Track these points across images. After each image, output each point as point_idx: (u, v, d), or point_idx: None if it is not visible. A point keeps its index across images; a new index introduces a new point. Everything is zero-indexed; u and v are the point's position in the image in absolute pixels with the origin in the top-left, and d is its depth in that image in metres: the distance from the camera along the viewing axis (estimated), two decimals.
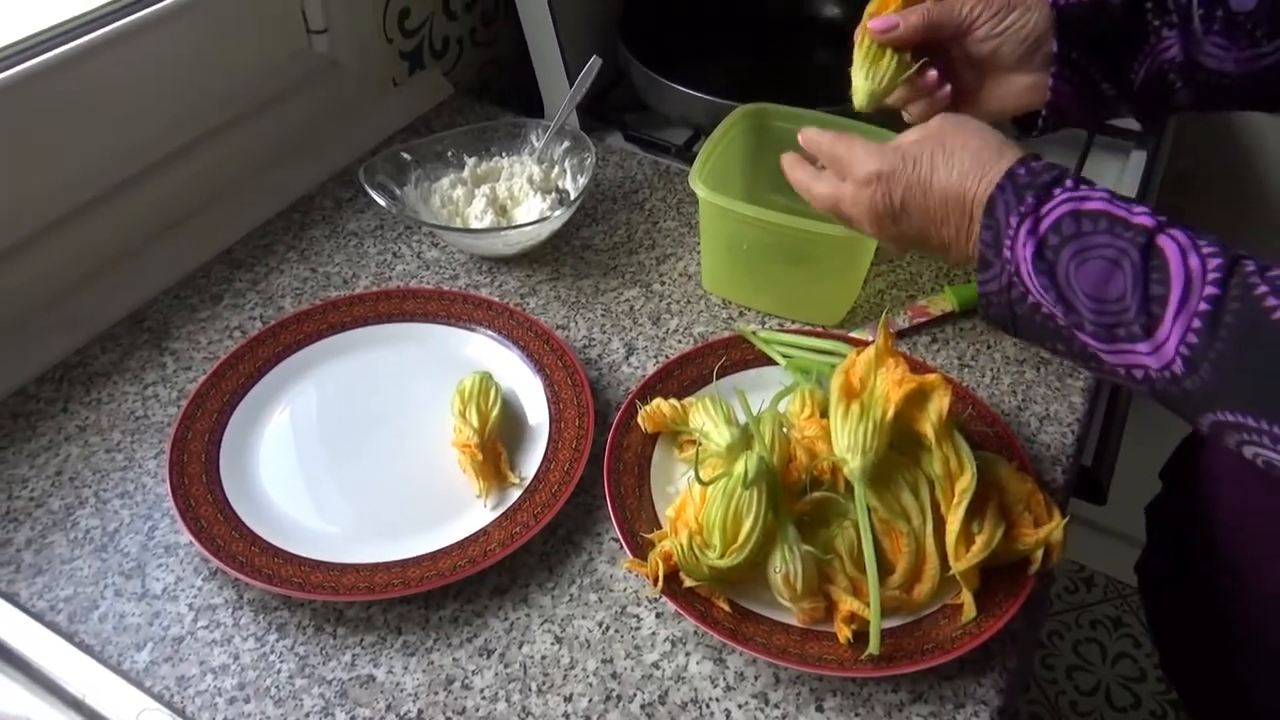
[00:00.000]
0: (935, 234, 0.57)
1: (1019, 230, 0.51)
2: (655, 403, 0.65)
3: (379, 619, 0.58)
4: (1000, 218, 0.52)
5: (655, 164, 0.94)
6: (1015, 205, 0.51)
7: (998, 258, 0.52)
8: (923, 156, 0.56)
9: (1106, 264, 0.48)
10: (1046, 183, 0.51)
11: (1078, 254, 0.49)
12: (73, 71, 0.72)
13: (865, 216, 0.59)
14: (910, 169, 0.56)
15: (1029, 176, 0.52)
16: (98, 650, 0.55)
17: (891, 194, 0.57)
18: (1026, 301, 0.51)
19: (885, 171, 0.57)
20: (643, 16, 1.01)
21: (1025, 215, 0.51)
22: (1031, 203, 0.51)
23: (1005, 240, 0.52)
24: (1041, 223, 0.50)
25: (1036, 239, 0.50)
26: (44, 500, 0.63)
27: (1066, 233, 0.49)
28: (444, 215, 0.81)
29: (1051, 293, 0.50)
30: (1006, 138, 0.56)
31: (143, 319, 0.75)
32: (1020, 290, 0.52)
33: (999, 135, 0.56)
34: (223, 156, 0.84)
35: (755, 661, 0.56)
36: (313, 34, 0.90)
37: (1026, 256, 0.50)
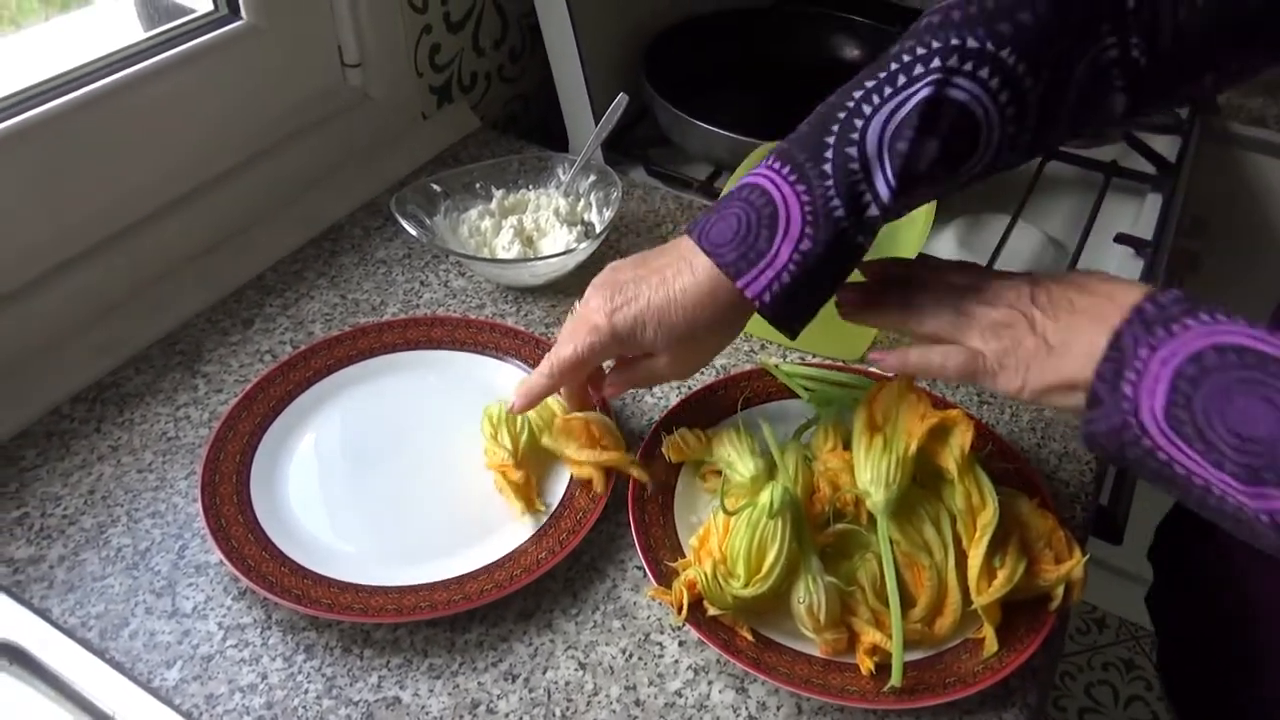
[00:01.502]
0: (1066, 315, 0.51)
1: (1149, 363, 0.46)
2: (680, 432, 0.66)
3: (405, 641, 0.58)
4: (1126, 347, 0.47)
5: (678, 198, 0.96)
6: (1145, 337, 0.47)
7: (1113, 394, 0.47)
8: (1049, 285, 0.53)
9: (1258, 401, 0.44)
10: (1178, 314, 0.47)
11: (1222, 389, 0.44)
12: (115, 103, 0.74)
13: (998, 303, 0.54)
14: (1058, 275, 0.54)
15: (1158, 310, 0.48)
16: (128, 667, 0.56)
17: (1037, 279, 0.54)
18: (1141, 445, 0.47)
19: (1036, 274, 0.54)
20: (667, 54, 1.03)
21: (1156, 346, 0.46)
22: (1164, 336, 0.46)
23: (1128, 374, 0.47)
24: (1176, 357, 0.46)
25: (1171, 372, 0.46)
26: (77, 518, 0.64)
27: (1208, 365, 0.45)
28: (472, 245, 0.82)
29: (1187, 428, 0.45)
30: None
31: (176, 342, 0.77)
32: (1134, 434, 0.47)
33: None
34: (256, 185, 0.86)
35: (778, 691, 0.56)
36: (347, 67, 0.93)
37: (1157, 392, 0.46)
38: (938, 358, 0.55)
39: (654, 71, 0.99)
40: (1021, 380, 0.52)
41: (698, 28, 1.10)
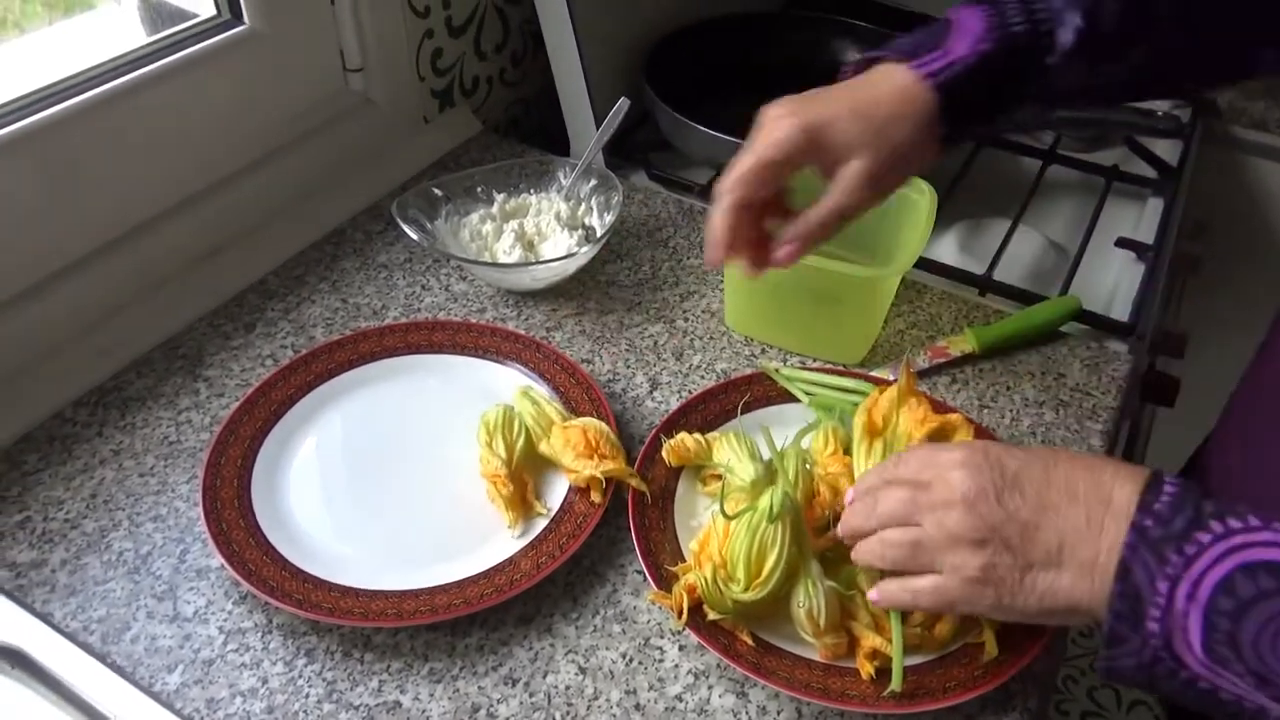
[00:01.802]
0: (1052, 522, 0.46)
1: (1172, 598, 0.42)
2: (680, 437, 0.66)
3: (406, 646, 0.58)
4: (1141, 584, 0.43)
5: (679, 203, 0.96)
6: (1158, 567, 0.43)
7: (1137, 631, 0.43)
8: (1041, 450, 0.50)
9: None
10: (1183, 529, 0.43)
11: (1269, 622, 0.40)
12: (117, 107, 0.74)
13: (954, 499, 0.48)
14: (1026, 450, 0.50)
15: (1159, 528, 0.44)
16: (129, 671, 0.56)
17: (1003, 462, 0.48)
18: (1178, 677, 0.43)
19: (994, 450, 0.49)
20: (669, 59, 1.03)
21: (1176, 579, 0.42)
22: (1178, 561, 0.42)
23: (1152, 611, 0.43)
24: (1201, 586, 0.42)
25: (1202, 609, 0.42)
26: (79, 522, 0.64)
27: (1244, 595, 0.41)
28: (473, 249, 0.83)
29: (1236, 665, 0.41)
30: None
31: (178, 346, 0.77)
32: (1169, 667, 0.43)
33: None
34: (258, 189, 0.86)
35: (778, 696, 0.56)
36: (349, 72, 0.93)
37: (1190, 629, 0.42)
38: (906, 596, 0.52)
39: (655, 75, 0.99)
40: (1005, 607, 0.48)
41: (699, 32, 1.10)
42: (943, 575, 0.50)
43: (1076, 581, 0.46)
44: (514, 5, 1.06)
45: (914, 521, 0.51)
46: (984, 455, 0.49)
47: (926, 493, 0.50)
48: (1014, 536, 0.47)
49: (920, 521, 0.50)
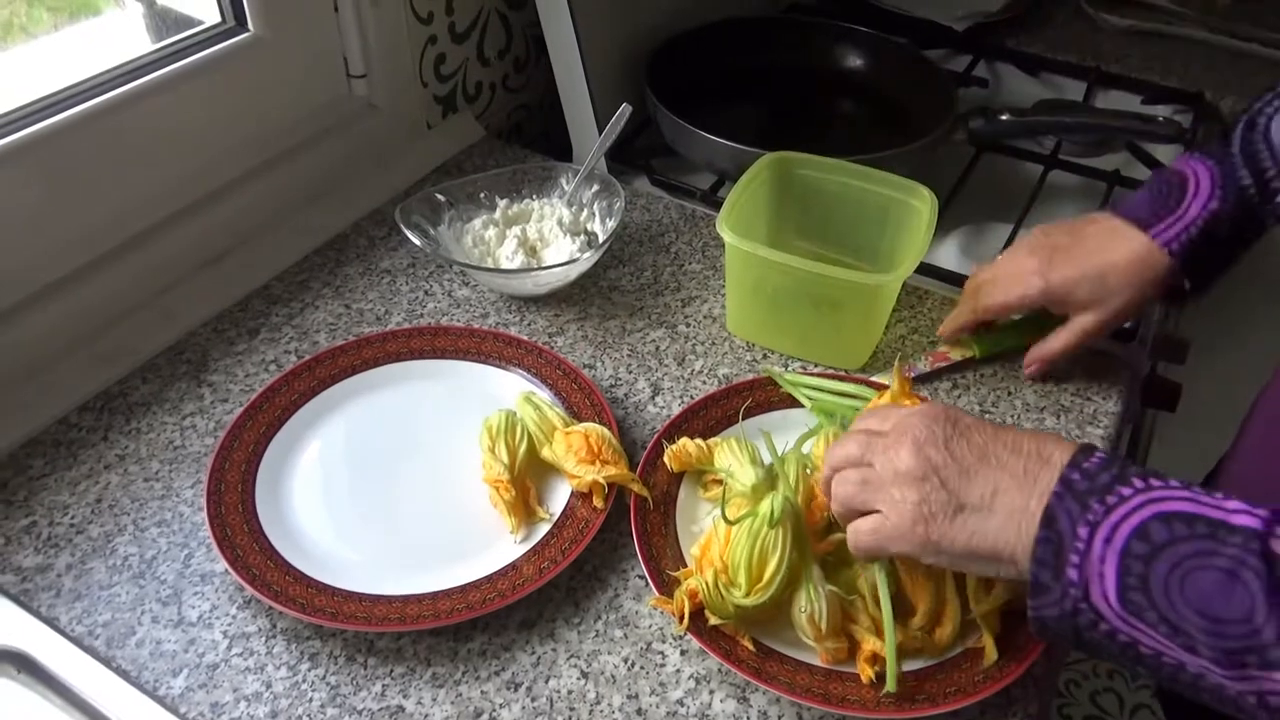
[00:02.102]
0: (990, 473, 0.48)
1: (1091, 543, 0.44)
2: (681, 442, 0.66)
3: (409, 650, 0.59)
4: (1063, 530, 0.45)
5: (681, 208, 0.96)
6: (1080, 514, 0.44)
7: (1057, 580, 0.45)
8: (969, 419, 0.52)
9: (1219, 575, 0.41)
10: (1107, 482, 0.45)
11: (1176, 566, 0.42)
12: (122, 114, 0.75)
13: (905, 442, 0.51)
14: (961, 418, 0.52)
15: (1085, 481, 0.45)
16: (134, 676, 0.57)
17: (957, 419, 0.51)
18: (1098, 629, 0.44)
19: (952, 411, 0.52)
20: (671, 64, 1.04)
21: (1096, 524, 0.44)
22: (1099, 509, 0.44)
23: (1070, 556, 0.44)
24: (1119, 531, 0.43)
25: (1118, 553, 0.43)
26: (84, 527, 0.65)
27: (1156, 540, 0.42)
28: (476, 255, 0.83)
29: (1149, 614, 0.42)
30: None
31: (182, 351, 0.78)
32: (1089, 618, 0.44)
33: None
34: (262, 195, 0.87)
35: (779, 700, 0.57)
36: (353, 78, 0.93)
37: (1106, 575, 0.43)
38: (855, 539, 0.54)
39: (657, 81, 1.00)
40: (932, 545, 0.50)
41: (701, 37, 1.10)
42: (881, 512, 0.52)
43: (1004, 525, 0.48)
44: (517, 11, 1.07)
45: (867, 462, 0.53)
46: (942, 409, 0.53)
47: (882, 437, 0.53)
48: (952, 478, 0.49)
49: (872, 462, 0.53)
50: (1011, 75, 1.24)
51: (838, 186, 0.83)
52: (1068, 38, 1.29)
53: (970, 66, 1.21)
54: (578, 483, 0.65)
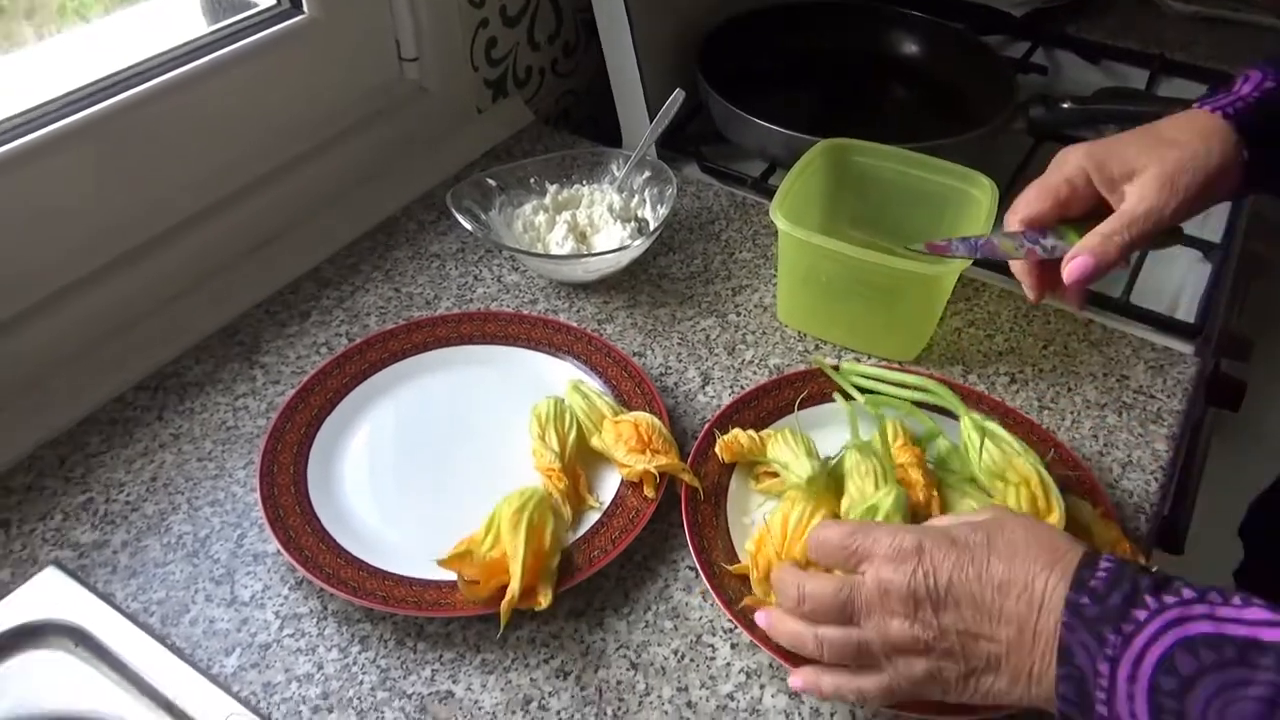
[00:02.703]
0: (989, 633, 0.46)
1: (1115, 680, 0.41)
2: (733, 433, 0.65)
3: (458, 636, 0.58)
4: (1083, 666, 0.42)
5: (731, 195, 0.95)
6: (1097, 648, 0.42)
7: (1086, 715, 0.43)
8: (974, 536, 0.47)
9: (1260, 706, 0.39)
10: (1119, 605, 0.42)
11: (1211, 701, 0.39)
12: (178, 97, 0.75)
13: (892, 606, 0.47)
14: (957, 546, 0.47)
15: (1095, 605, 0.43)
16: (188, 653, 0.57)
17: (936, 570, 0.47)
18: None
19: (927, 544, 0.47)
20: (723, 49, 1.02)
21: (1115, 660, 0.41)
22: (1116, 641, 0.42)
23: (1097, 694, 0.42)
24: (1141, 667, 0.41)
25: (1145, 692, 0.41)
26: (139, 505, 0.65)
27: (1185, 673, 0.40)
28: (526, 240, 0.83)
29: None
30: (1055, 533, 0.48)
31: (235, 332, 0.78)
32: None
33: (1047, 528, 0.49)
34: (314, 178, 0.87)
35: None
36: (404, 62, 0.93)
37: (1137, 713, 0.41)
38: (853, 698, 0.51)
39: (709, 66, 0.98)
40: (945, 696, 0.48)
41: (754, 22, 1.09)
42: (889, 675, 0.49)
43: (1012, 686, 0.46)
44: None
45: (851, 619, 0.49)
46: (913, 561, 0.47)
47: (860, 591, 0.49)
48: (955, 646, 0.47)
49: (859, 623, 0.49)
50: (1071, 63, 1.20)
51: (894, 174, 0.81)
52: (1130, 24, 1.25)
53: (1028, 53, 1.18)
54: (628, 472, 0.64)
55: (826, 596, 0.50)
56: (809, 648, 0.51)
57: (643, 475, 0.63)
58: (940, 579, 0.46)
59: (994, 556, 0.46)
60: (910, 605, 0.47)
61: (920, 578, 0.47)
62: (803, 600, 0.50)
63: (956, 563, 0.47)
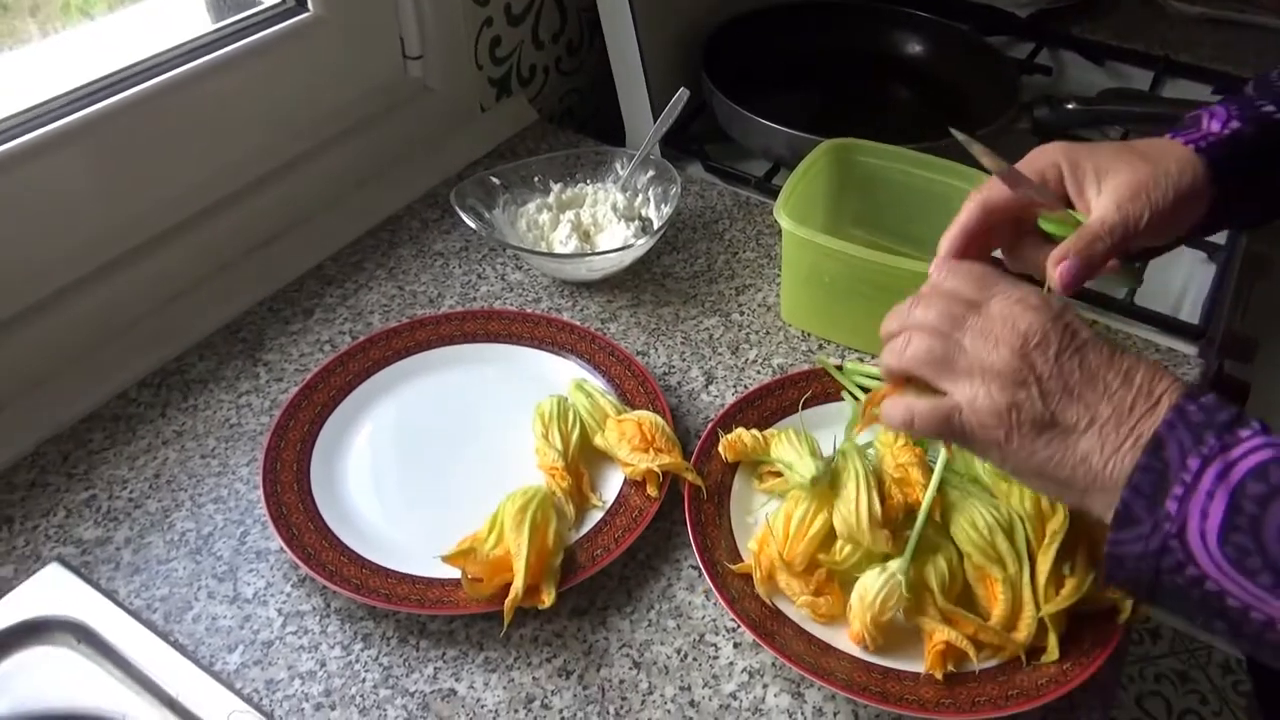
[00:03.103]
0: (1090, 401, 0.44)
1: (1201, 475, 0.40)
2: (737, 432, 0.65)
3: (461, 634, 0.58)
4: (1170, 459, 0.41)
5: (735, 195, 0.95)
6: (1193, 445, 0.41)
7: (1151, 511, 0.41)
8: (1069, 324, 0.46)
9: None
10: (1226, 421, 0.41)
11: None
12: (182, 95, 0.75)
13: (1007, 335, 0.45)
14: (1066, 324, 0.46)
15: (1203, 414, 0.42)
16: (191, 650, 0.57)
17: (1076, 330, 0.45)
18: (1184, 573, 0.41)
19: (1072, 313, 0.46)
20: (727, 49, 1.02)
21: (1208, 458, 0.40)
22: (1215, 444, 0.41)
23: (1174, 487, 0.41)
24: (1235, 469, 0.40)
25: (1229, 490, 0.40)
26: (142, 501, 0.65)
27: (1275, 480, 0.39)
28: (529, 239, 0.82)
29: (1252, 559, 0.39)
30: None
31: (238, 329, 0.78)
32: (1177, 560, 0.41)
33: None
34: (317, 176, 0.87)
35: (834, 697, 0.56)
36: (409, 60, 0.93)
37: (1211, 512, 0.40)
38: (899, 412, 0.48)
39: (713, 65, 0.98)
40: (1004, 453, 0.45)
41: (758, 21, 1.08)
42: (953, 399, 0.46)
43: (1088, 456, 0.43)
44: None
45: (953, 334, 0.47)
46: (1060, 309, 0.46)
47: (979, 313, 0.47)
48: (1052, 393, 0.44)
49: (961, 339, 0.47)
50: (1075, 63, 1.20)
51: (899, 174, 0.81)
52: (1134, 25, 1.25)
53: (1033, 54, 1.18)
54: (631, 471, 0.64)
55: (939, 310, 0.48)
56: (895, 349, 0.49)
57: (646, 474, 0.63)
58: (1079, 335, 0.45)
59: (1124, 357, 0.45)
60: (1034, 340, 0.45)
61: (1057, 323, 0.45)
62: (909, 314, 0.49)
63: (1093, 337, 0.46)
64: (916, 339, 0.48)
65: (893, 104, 1.09)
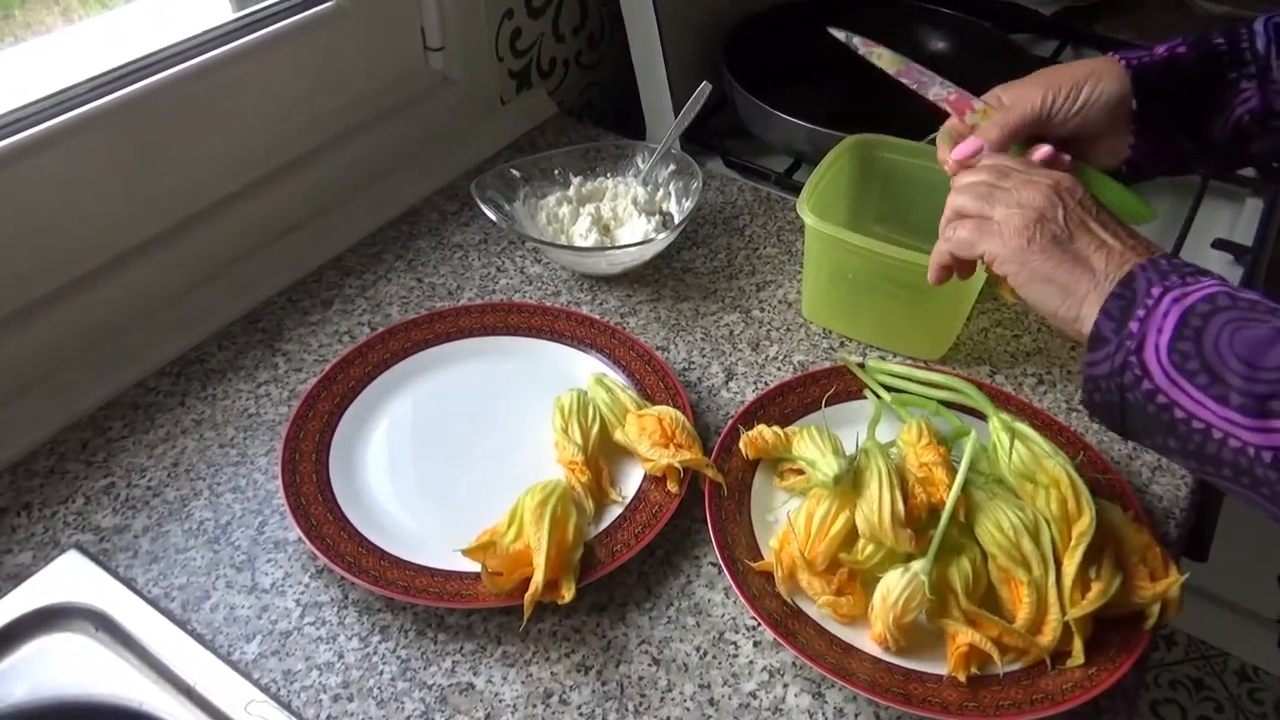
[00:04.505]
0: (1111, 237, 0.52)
1: (1160, 300, 0.47)
2: (758, 429, 0.64)
3: (479, 628, 0.58)
4: (1138, 289, 0.48)
5: (755, 190, 0.94)
6: (1158, 280, 0.48)
7: (1117, 333, 0.47)
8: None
9: (1271, 332, 0.43)
10: (1193, 271, 0.48)
11: (1232, 322, 0.44)
12: (204, 83, 0.75)
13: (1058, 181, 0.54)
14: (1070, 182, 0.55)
15: (1172, 265, 0.49)
16: (209, 639, 0.57)
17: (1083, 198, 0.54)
18: (1140, 388, 0.46)
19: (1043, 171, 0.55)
20: (748, 43, 1.02)
21: (1170, 288, 0.47)
22: (1177, 280, 0.47)
23: (1138, 310, 0.47)
24: (1189, 295, 0.46)
25: (1182, 309, 0.46)
26: (161, 490, 0.65)
27: (1220, 304, 0.45)
28: (549, 232, 0.82)
29: (1192, 362, 0.45)
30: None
31: (258, 319, 0.78)
32: (1135, 375, 0.47)
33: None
34: (337, 166, 0.87)
35: (856, 698, 0.55)
36: (430, 51, 0.93)
37: (1164, 329, 0.46)
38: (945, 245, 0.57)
39: (734, 60, 0.98)
40: (1024, 257, 0.52)
41: (780, 16, 1.08)
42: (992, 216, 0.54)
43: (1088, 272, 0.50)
44: None
45: (999, 183, 0.55)
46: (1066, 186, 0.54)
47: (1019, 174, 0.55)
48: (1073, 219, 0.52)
49: (1004, 184, 0.55)
50: None
51: (921, 171, 0.81)
52: (1160, 23, 1.24)
53: (1057, 52, 1.17)
54: (651, 466, 0.64)
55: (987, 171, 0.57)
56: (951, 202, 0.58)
57: (666, 470, 0.63)
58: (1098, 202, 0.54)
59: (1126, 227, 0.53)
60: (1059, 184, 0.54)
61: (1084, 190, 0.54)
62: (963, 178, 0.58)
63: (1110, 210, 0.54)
64: (966, 185, 0.57)
65: (915, 100, 1.08)
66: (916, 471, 0.59)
